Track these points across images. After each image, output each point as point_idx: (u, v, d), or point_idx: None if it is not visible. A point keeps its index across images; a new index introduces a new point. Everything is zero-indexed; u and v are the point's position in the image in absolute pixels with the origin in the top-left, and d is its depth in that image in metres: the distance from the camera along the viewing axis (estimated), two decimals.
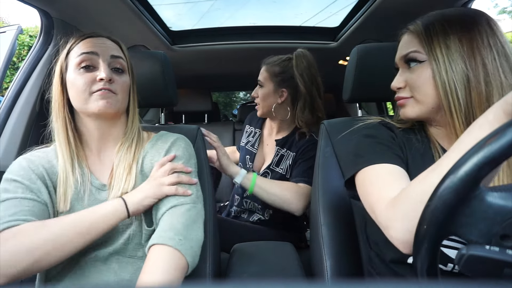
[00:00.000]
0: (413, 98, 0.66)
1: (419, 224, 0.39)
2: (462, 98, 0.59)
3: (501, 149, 0.33)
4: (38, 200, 0.69)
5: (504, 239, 0.35)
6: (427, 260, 0.38)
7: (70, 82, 0.75)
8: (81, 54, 0.74)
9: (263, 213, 1.34)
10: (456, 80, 0.59)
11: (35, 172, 0.72)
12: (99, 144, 0.79)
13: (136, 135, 0.81)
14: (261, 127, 1.44)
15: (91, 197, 0.75)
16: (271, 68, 1.28)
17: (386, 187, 0.58)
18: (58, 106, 0.76)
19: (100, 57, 0.75)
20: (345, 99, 1.03)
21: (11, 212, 0.65)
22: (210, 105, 2.30)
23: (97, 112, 0.73)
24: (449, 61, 0.60)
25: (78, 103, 0.74)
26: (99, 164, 0.79)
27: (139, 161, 0.79)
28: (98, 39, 0.78)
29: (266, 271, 0.85)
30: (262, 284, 0.20)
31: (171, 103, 1.08)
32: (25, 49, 5.15)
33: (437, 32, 0.62)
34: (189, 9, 2.07)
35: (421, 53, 0.64)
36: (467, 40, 0.60)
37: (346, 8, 1.53)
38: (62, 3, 1.07)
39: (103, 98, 0.73)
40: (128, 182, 0.75)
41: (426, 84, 0.63)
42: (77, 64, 0.74)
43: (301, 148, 1.25)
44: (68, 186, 0.73)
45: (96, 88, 0.73)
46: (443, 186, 0.36)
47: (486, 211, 0.36)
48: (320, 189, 0.91)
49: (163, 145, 0.82)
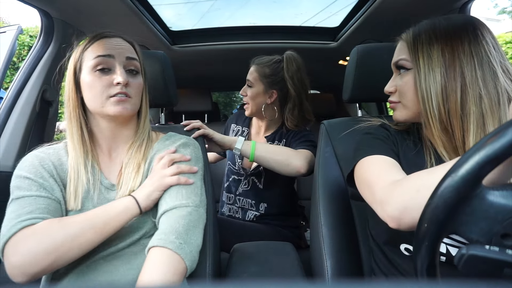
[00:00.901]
0: (401, 103, 0.71)
1: (420, 223, 0.39)
2: (436, 106, 0.62)
3: (502, 147, 0.33)
4: (52, 198, 0.70)
5: (505, 238, 0.35)
6: (427, 259, 0.38)
7: (86, 84, 0.74)
8: (97, 56, 0.74)
9: (257, 208, 1.34)
10: (432, 89, 0.62)
11: (46, 170, 0.73)
12: (111, 143, 0.80)
13: (146, 136, 0.83)
14: (248, 126, 1.44)
15: (100, 196, 0.75)
16: (261, 69, 1.29)
17: (386, 171, 0.61)
18: (72, 106, 0.76)
19: (116, 59, 0.75)
20: (345, 99, 1.03)
21: (28, 210, 0.66)
22: (210, 105, 2.30)
23: (114, 115, 0.74)
24: (429, 70, 0.63)
25: (95, 105, 0.75)
26: (109, 163, 0.80)
27: (148, 160, 0.80)
28: (113, 39, 0.77)
29: (266, 271, 0.85)
30: (262, 284, 0.20)
31: (171, 103, 1.08)
32: (25, 49, 5.15)
33: (422, 42, 0.65)
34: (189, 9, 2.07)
35: (408, 61, 0.67)
36: (449, 50, 0.62)
37: (346, 8, 1.53)
38: (62, 3, 1.07)
39: (120, 104, 0.74)
40: (135, 181, 0.76)
41: (410, 90, 0.67)
42: (93, 67, 0.74)
43: (291, 135, 1.29)
44: (79, 184, 0.73)
45: (113, 92, 0.74)
46: (444, 185, 0.36)
47: (487, 210, 0.35)
48: (320, 189, 0.91)
49: (171, 146, 0.83)
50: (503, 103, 0.60)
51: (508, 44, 5.07)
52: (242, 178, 1.38)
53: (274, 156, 1.13)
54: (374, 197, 0.59)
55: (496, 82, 0.60)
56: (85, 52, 0.76)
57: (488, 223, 0.35)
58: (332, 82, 2.61)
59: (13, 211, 0.66)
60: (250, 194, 1.37)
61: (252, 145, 1.14)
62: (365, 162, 0.66)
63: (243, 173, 1.38)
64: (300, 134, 1.29)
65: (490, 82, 0.60)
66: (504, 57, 0.63)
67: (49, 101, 1.19)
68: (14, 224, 0.64)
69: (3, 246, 0.63)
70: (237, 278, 0.82)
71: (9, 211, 0.67)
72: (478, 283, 0.21)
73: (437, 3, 1.15)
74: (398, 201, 0.53)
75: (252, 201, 1.36)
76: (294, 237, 1.38)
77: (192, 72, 2.24)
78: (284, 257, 0.94)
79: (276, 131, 1.35)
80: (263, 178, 1.34)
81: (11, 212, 0.66)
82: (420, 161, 0.69)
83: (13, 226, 0.64)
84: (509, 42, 5.08)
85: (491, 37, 0.63)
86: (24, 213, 0.65)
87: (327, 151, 0.94)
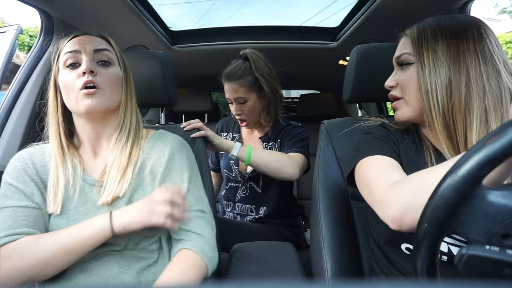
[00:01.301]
0: (403, 99, 0.71)
1: (420, 223, 0.39)
2: (440, 101, 0.62)
3: (502, 147, 0.33)
4: (32, 206, 0.71)
5: (505, 238, 0.35)
6: (427, 259, 0.38)
7: (61, 82, 0.75)
8: (66, 53, 0.75)
9: (257, 212, 1.35)
10: (437, 84, 0.62)
11: (28, 173, 0.73)
12: (94, 142, 0.79)
13: (132, 132, 0.79)
14: (239, 131, 1.43)
15: (82, 195, 0.74)
16: (245, 80, 1.26)
17: (386, 172, 0.61)
18: (51, 108, 0.77)
19: (82, 53, 0.75)
20: (345, 99, 1.03)
21: (7, 225, 0.68)
22: (210, 105, 2.30)
23: (86, 111, 0.73)
24: (434, 65, 0.63)
25: (70, 103, 0.75)
26: (93, 162, 0.79)
27: (138, 164, 0.77)
28: (83, 37, 0.78)
29: (266, 271, 0.85)
30: (262, 284, 0.20)
31: (171, 103, 1.08)
32: (25, 49, 5.15)
33: (427, 38, 0.65)
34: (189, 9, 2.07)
35: (411, 55, 0.68)
36: (454, 47, 0.62)
37: (346, 8, 1.53)
38: (62, 3, 1.07)
39: (88, 97, 0.72)
40: (121, 185, 0.73)
41: (412, 85, 0.67)
42: (63, 64, 0.75)
43: (285, 133, 1.31)
44: (58, 189, 0.73)
45: (81, 82, 0.72)
46: (444, 185, 0.36)
47: (487, 210, 0.35)
48: (320, 189, 0.91)
49: (164, 148, 0.80)
50: (505, 101, 0.61)
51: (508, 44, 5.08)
52: (240, 184, 1.38)
53: (268, 164, 1.14)
54: (374, 198, 0.59)
55: (499, 80, 0.61)
56: (60, 53, 0.77)
57: (488, 223, 0.35)
58: (332, 82, 2.61)
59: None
60: (249, 200, 1.36)
61: (248, 152, 1.14)
62: (365, 163, 0.66)
63: (240, 180, 1.37)
64: (293, 133, 1.29)
65: (494, 80, 0.61)
66: (506, 56, 0.63)
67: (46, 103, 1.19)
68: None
69: None
70: (237, 278, 0.82)
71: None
72: (478, 283, 0.20)
73: (437, 3, 1.15)
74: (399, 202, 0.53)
75: (252, 206, 1.36)
76: (294, 237, 1.38)
77: (192, 72, 2.23)
78: (284, 257, 0.94)
79: (270, 130, 1.34)
80: (261, 182, 1.34)
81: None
82: (420, 160, 0.69)
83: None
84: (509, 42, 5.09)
85: (494, 37, 0.64)
86: (4, 228, 0.67)
87: (327, 151, 0.94)
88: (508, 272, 0.33)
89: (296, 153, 1.20)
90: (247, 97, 1.27)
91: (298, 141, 1.26)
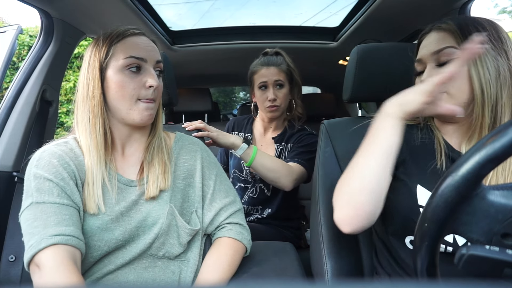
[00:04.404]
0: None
1: (420, 222, 0.39)
2: (493, 91, 0.62)
3: (503, 147, 0.33)
4: (73, 206, 0.67)
5: (505, 238, 0.35)
6: (427, 258, 0.38)
7: (115, 83, 0.72)
8: (130, 57, 0.72)
9: (261, 213, 1.35)
10: (490, 74, 0.63)
11: (67, 171, 0.69)
12: (125, 142, 0.79)
13: (162, 134, 0.83)
14: (251, 131, 1.42)
15: (119, 195, 0.74)
16: (283, 67, 1.29)
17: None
18: (96, 103, 0.72)
19: (148, 63, 0.74)
20: (345, 99, 1.03)
21: (54, 221, 0.63)
22: (210, 105, 2.30)
23: (139, 123, 0.74)
24: (485, 57, 0.63)
25: (121, 106, 0.72)
26: (122, 160, 0.78)
27: (172, 162, 0.81)
28: (140, 38, 0.76)
29: (266, 271, 0.85)
30: (262, 284, 0.20)
31: (171, 103, 1.08)
32: (25, 49, 5.14)
33: (470, 30, 0.65)
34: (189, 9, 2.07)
35: (457, 48, 0.66)
36: (495, 40, 0.64)
37: (346, 8, 1.53)
38: (62, 3, 1.07)
39: (147, 110, 0.74)
40: (164, 181, 0.76)
41: (461, 78, 0.65)
42: (124, 66, 0.72)
43: (295, 138, 1.31)
44: (98, 187, 0.71)
45: (144, 94, 0.73)
46: (444, 184, 0.36)
47: (487, 210, 0.35)
48: (320, 189, 0.91)
49: (193, 148, 0.85)
50: None
51: None
52: (249, 185, 1.36)
53: (267, 172, 1.15)
54: None
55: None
56: (113, 49, 0.73)
57: (488, 223, 0.35)
58: (332, 82, 2.61)
59: (37, 218, 0.63)
60: (256, 201, 1.36)
61: (252, 155, 1.14)
62: None
63: (251, 180, 1.35)
64: (304, 141, 1.28)
65: None
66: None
67: (49, 101, 1.18)
68: (44, 238, 0.61)
69: (31, 258, 0.61)
70: (237, 278, 0.82)
71: (31, 216, 0.64)
72: (478, 283, 0.20)
73: (437, 3, 1.15)
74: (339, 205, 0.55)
75: (259, 207, 1.35)
76: (294, 237, 1.38)
77: (192, 72, 2.23)
78: (284, 257, 0.93)
79: (283, 131, 1.35)
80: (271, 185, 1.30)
81: (35, 218, 0.63)
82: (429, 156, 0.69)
83: (43, 240, 0.61)
84: None
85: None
86: (51, 225, 0.62)
87: (327, 151, 0.94)
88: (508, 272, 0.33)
89: (297, 164, 1.19)
90: (284, 82, 1.29)
91: (304, 152, 1.24)
